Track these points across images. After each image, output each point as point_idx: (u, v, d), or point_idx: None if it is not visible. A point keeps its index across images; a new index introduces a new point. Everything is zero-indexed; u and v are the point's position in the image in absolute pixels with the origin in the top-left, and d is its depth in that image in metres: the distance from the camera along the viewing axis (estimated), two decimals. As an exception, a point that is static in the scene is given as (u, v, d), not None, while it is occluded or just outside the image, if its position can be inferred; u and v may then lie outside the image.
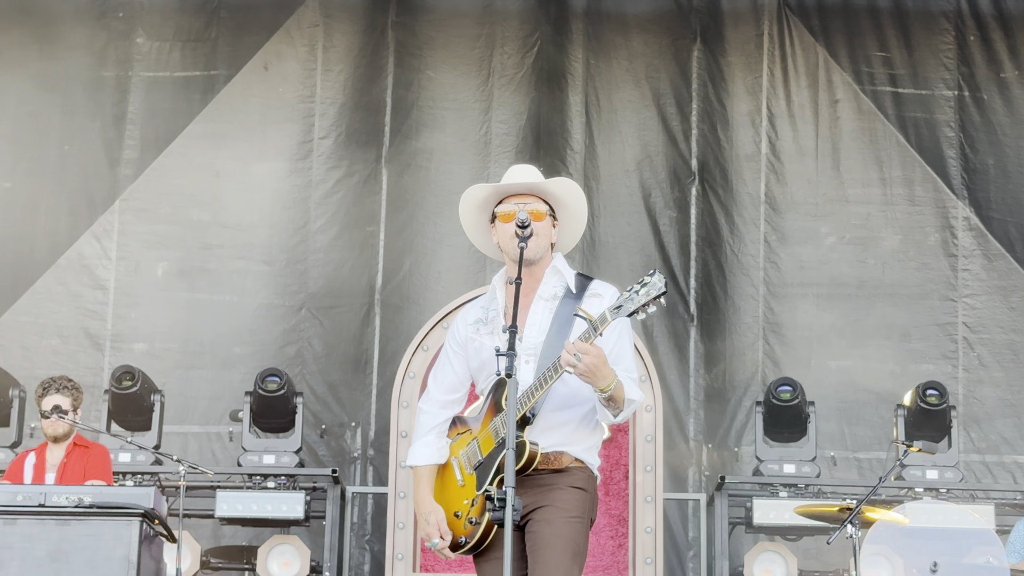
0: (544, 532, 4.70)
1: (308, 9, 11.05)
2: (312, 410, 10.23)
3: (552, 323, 4.84)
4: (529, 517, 4.73)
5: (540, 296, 4.91)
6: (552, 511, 4.72)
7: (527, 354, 4.79)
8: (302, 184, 10.86)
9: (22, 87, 10.75)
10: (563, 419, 4.82)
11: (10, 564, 6.36)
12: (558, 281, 4.93)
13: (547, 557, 4.66)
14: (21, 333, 10.58)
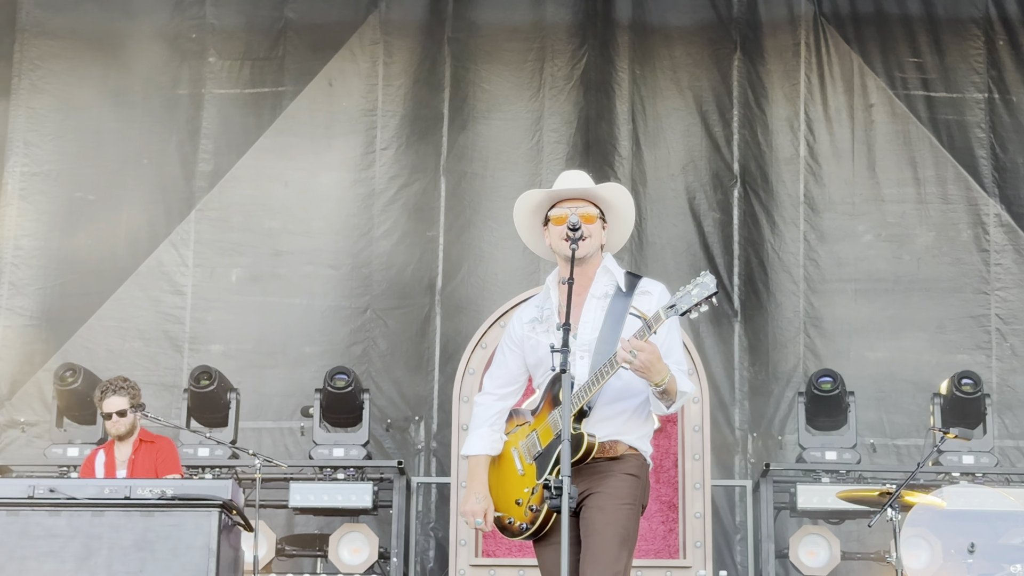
0: (595, 518, 4.72)
1: (369, 27, 11.08)
2: (378, 405, 10.23)
3: (604, 320, 4.85)
4: (583, 503, 4.74)
5: (592, 295, 4.92)
6: (604, 498, 4.74)
7: (581, 350, 4.80)
8: (365, 192, 10.90)
9: (103, 106, 10.81)
10: (617, 410, 4.83)
11: (99, 553, 6.36)
12: (609, 280, 4.95)
13: (597, 543, 4.68)
14: (106, 336, 10.67)
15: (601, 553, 4.65)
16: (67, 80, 10.96)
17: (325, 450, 9.73)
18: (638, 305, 4.78)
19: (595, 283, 4.95)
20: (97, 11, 10.91)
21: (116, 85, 10.80)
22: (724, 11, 10.98)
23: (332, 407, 9.87)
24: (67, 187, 10.88)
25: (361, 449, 9.75)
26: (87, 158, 10.87)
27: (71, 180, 10.88)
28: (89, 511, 6.44)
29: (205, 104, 11.01)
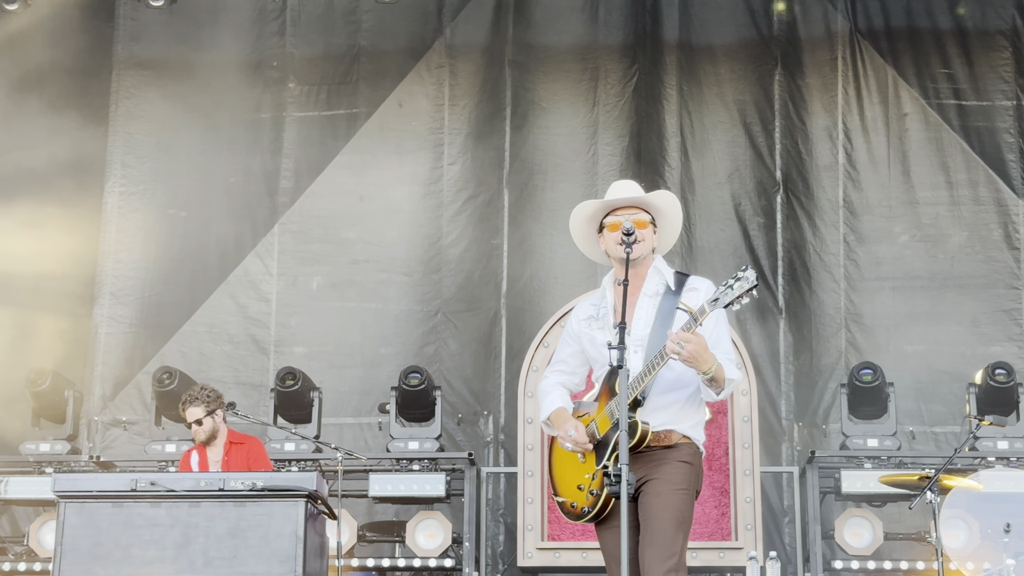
0: (653, 503, 4.78)
1: (436, 52, 11.16)
2: (449, 401, 10.30)
3: (656, 317, 4.93)
4: (641, 489, 4.80)
5: (644, 293, 5.00)
6: (661, 484, 4.80)
7: (635, 345, 4.86)
8: (434, 205, 10.97)
9: (193, 129, 10.96)
10: (670, 400, 4.90)
11: (196, 541, 6.40)
12: (659, 280, 5.03)
13: (655, 526, 4.74)
14: (198, 341, 10.83)
15: (659, 536, 4.71)
16: (159, 107, 11.11)
17: (401, 443, 9.80)
18: (686, 301, 4.83)
19: (647, 282, 5.02)
20: (186, 43, 11.08)
21: (204, 110, 10.94)
22: (765, 29, 10.98)
23: (407, 404, 9.93)
24: (161, 205, 11.03)
25: (434, 442, 9.80)
26: (179, 177, 11.04)
27: (165, 198, 11.03)
28: (187, 502, 6.46)
29: (286, 126, 11.14)
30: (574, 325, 5.18)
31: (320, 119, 11.15)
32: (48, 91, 10.91)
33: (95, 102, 11.17)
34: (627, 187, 5.19)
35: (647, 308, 4.98)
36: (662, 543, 4.71)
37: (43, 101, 10.82)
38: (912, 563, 9.26)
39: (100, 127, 11.13)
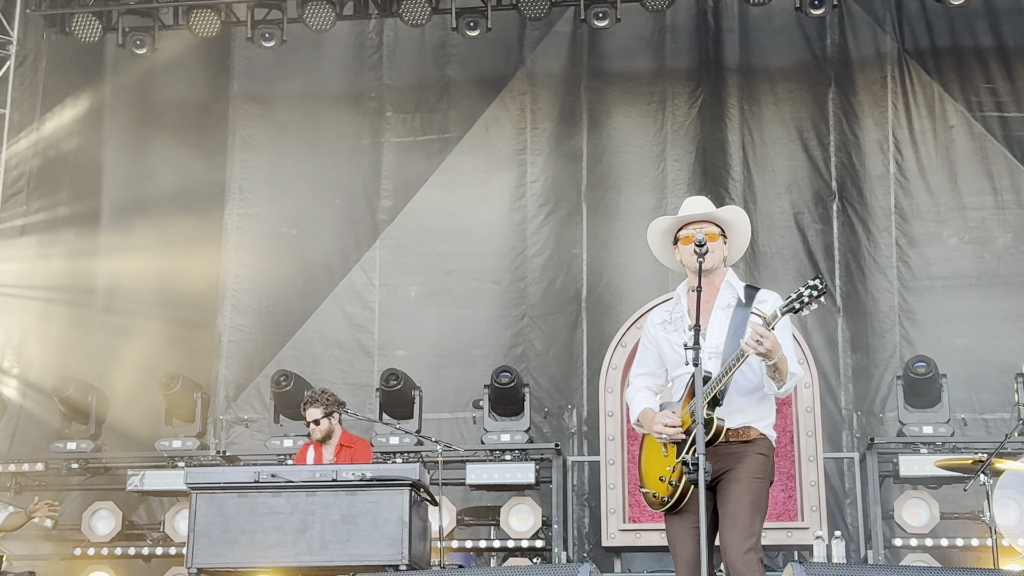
0: (733, 489, 4.82)
1: (518, 81, 11.28)
2: (536, 397, 10.34)
3: (729, 328, 4.96)
4: (720, 478, 4.83)
5: (718, 306, 5.04)
6: (740, 472, 4.84)
7: (710, 352, 4.90)
8: (519, 219, 11.06)
9: (301, 156, 11.16)
10: (747, 402, 4.94)
11: (313, 526, 6.47)
12: (731, 293, 5.06)
13: (735, 509, 4.78)
14: (310, 346, 11.01)
15: (739, 518, 4.76)
16: (271, 136, 11.31)
17: (494, 436, 9.86)
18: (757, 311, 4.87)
19: (720, 295, 5.06)
20: (293, 78, 11.27)
21: (311, 138, 11.13)
22: (819, 52, 10.95)
23: (498, 400, 9.99)
24: (274, 224, 11.23)
25: (524, 434, 9.86)
26: (289, 199, 11.21)
27: (278, 218, 11.23)
28: (304, 492, 6.53)
29: (384, 151, 11.28)
30: (651, 331, 5.21)
31: (414, 143, 11.28)
32: (173, 125, 11.18)
33: (214, 133, 11.42)
34: (699, 203, 5.20)
35: (720, 319, 5.01)
36: (742, 524, 4.75)
37: (168, 134, 11.11)
38: (967, 540, 9.19)
39: (219, 156, 11.37)
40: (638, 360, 5.29)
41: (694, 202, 5.22)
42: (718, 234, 5.06)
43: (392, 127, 11.33)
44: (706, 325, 4.95)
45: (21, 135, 11.50)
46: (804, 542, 8.53)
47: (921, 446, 9.38)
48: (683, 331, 4.98)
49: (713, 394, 4.80)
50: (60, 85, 11.39)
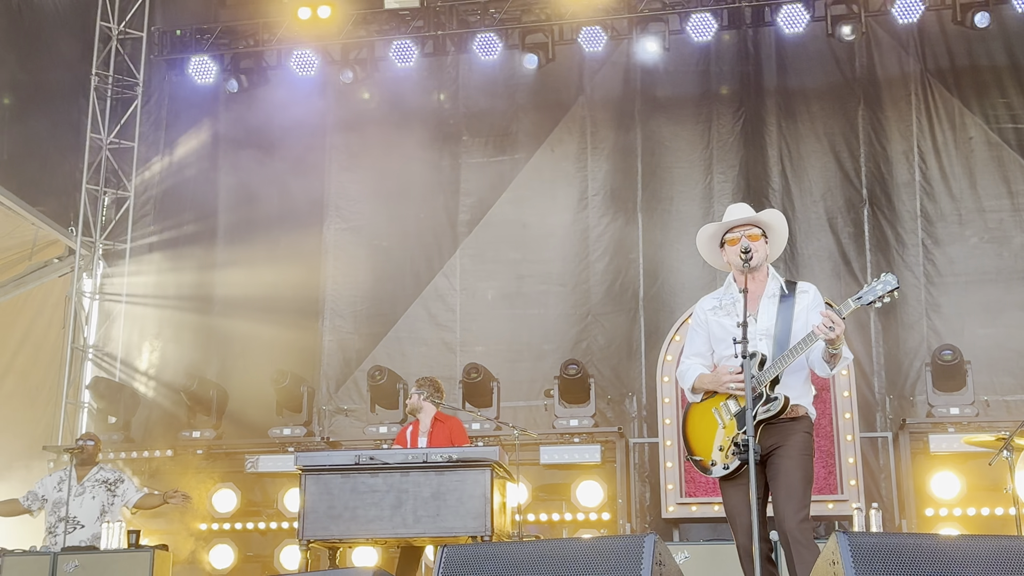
0: (786, 464, 4.90)
1: (579, 106, 11.37)
2: (600, 386, 10.38)
3: (777, 313, 5.07)
4: (772, 453, 4.91)
5: (766, 295, 5.15)
6: (792, 449, 4.93)
7: (762, 334, 5.01)
8: (582, 228, 11.13)
9: (389, 177, 11.30)
10: (796, 380, 5.03)
11: (407, 503, 6.51)
12: (776, 284, 5.18)
13: (790, 482, 4.86)
14: (400, 344, 11.17)
15: (793, 491, 4.84)
16: (363, 160, 11.46)
17: (563, 421, 10.00)
18: (800, 301, 5.00)
19: (767, 286, 5.16)
20: (382, 109, 11.41)
21: (397, 161, 11.22)
22: (849, 74, 10.92)
23: (567, 389, 10.11)
24: (367, 238, 11.38)
25: (590, 419, 9.98)
26: (380, 216, 11.36)
27: (369, 233, 11.37)
28: (399, 472, 6.55)
29: (462, 171, 11.41)
30: (701, 316, 5.27)
31: (488, 164, 11.38)
32: (277, 152, 11.34)
33: (313, 158, 11.57)
34: (740, 209, 5.29)
35: (769, 307, 5.10)
36: (796, 497, 4.82)
37: (273, 160, 11.30)
38: (992, 510, 9.15)
39: (317, 179, 11.56)
40: (689, 343, 5.35)
41: (736, 208, 5.31)
42: (759, 235, 5.17)
43: (468, 150, 11.45)
44: (756, 311, 5.05)
45: (148, 165, 11.87)
46: (844, 513, 8.53)
47: (948, 426, 9.37)
48: (734, 315, 5.04)
49: (776, 374, 4.86)
50: (180, 120, 11.69)
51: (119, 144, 11.89)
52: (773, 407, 4.87)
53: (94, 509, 8.37)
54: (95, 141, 11.78)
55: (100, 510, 8.36)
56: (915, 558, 3.84)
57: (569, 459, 9.85)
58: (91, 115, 11.76)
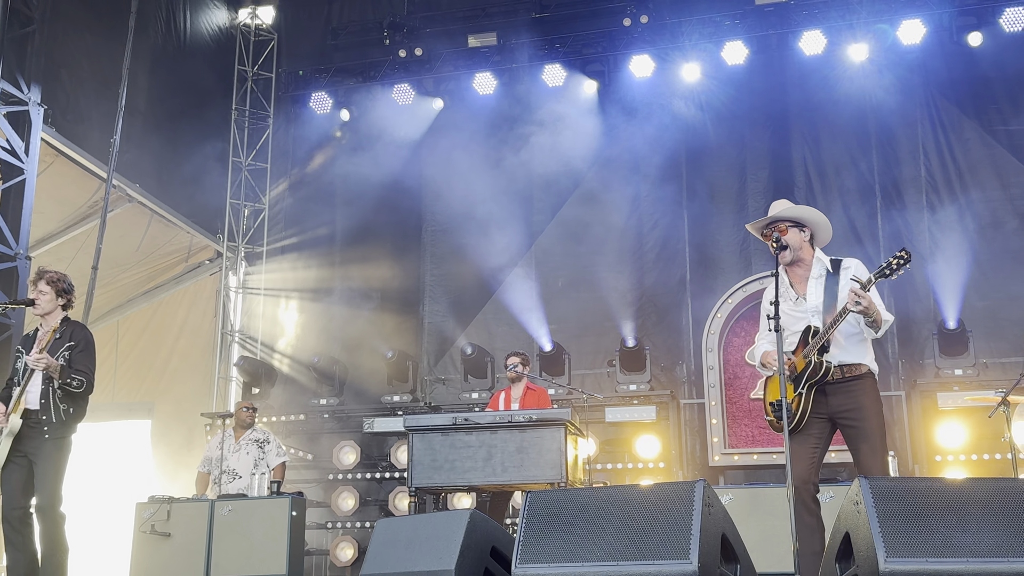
0: (865, 426, 4.72)
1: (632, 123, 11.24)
2: (654, 356, 10.34)
3: (824, 291, 4.92)
4: (845, 414, 4.75)
5: (812, 276, 5.00)
6: (866, 411, 4.75)
7: (812, 311, 4.89)
8: (636, 224, 10.98)
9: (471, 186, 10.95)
10: (852, 343, 4.86)
11: (496, 456, 6.54)
12: (821, 266, 5.02)
13: (872, 443, 4.69)
14: (487, 325, 11.15)
15: (877, 446, 4.68)
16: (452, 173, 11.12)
17: (624, 386, 10.06)
18: (844, 276, 4.87)
19: (813, 268, 5.02)
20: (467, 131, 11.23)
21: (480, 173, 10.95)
22: (863, 87, 10.59)
23: (627, 359, 10.16)
24: (457, 237, 11.24)
25: (647, 384, 10.03)
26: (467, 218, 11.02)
27: (459, 232, 11.21)
28: (488, 431, 6.59)
29: (534, 181, 11.28)
30: (764, 304, 5.09)
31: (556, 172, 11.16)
32: (382, 169, 11.40)
33: (412, 173, 11.57)
34: (778, 205, 5.14)
35: (816, 287, 4.95)
36: (880, 451, 4.68)
37: (380, 176, 11.38)
38: (992, 456, 9.06)
39: (416, 191, 11.59)
40: (761, 330, 5.22)
41: (775, 205, 5.16)
42: (788, 227, 5.01)
43: (540, 161, 11.23)
44: (804, 292, 4.94)
45: (278, 183, 12.09)
46: None
47: (953, 385, 9.30)
48: (790, 300, 4.94)
49: (821, 343, 4.75)
50: (303, 145, 11.87)
51: (255, 165, 12.11)
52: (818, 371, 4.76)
53: (248, 463, 8.57)
54: (236, 164, 12.02)
55: (253, 464, 8.56)
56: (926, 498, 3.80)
57: (629, 418, 9.87)
58: (232, 142, 11.99)
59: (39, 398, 5.77)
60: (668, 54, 10.97)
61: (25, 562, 5.69)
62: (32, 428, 5.74)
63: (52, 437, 5.74)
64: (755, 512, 6.75)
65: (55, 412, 5.76)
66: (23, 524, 5.72)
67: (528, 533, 4.21)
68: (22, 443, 5.74)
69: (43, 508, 5.67)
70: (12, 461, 5.74)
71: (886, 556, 3.62)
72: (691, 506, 3.93)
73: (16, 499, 5.72)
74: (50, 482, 5.68)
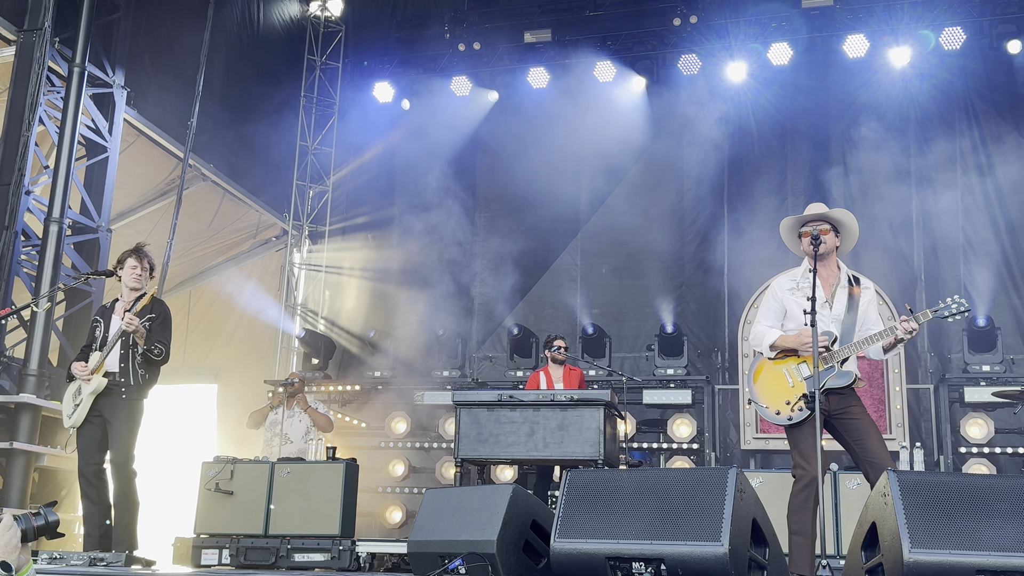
0: (866, 419, 4.75)
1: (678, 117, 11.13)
2: (692, 342, 10.29)
3: (847, 302, 4.89)
4: (846, 411, 4.76)
5: (840, 285, 4.94)
6: (862, 407, 4.80)
7: (834, 319, 4.84)
8: (678, 217, 10.85)
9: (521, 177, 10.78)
10: (853, 356, 4.86)
11: (538, 432, 6.56)
12: (845, 277, 4.97)
13: (874, 435, 4.70)
14: (534, 308, 11.12)
15: (880, 441, 4.70)
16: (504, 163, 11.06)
17: (662, 370, 10.01)
18: (864, 297, 4.84)
19: (840, 277, 4.97)
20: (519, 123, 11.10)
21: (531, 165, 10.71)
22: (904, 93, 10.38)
23: (665, 344, 10.12)
24: (507, 224, 11.24)
25: (684, 369, 9.98)
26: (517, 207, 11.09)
27: (509, 222, 11.23)
28: (532, 408, 6.61)
29: (582, 175, 11.11)
30: (778, 293, 5.04)
31: (604, 164, 11.06)
32: (441, 157, 11.35)
33: (466, 161, 11.55)
34: (816, 206, 5.08)
35: (841, 296, 4.91)
36: (882, 440, 4.72)
37: (439, 164, 11.33)
38: (1015, 449, 8.95)
39: (470, 179, 11.58)
40: (763, 311, 5.13)
41: (813, 206, 5.10)
42: (829, 229, 4.94)
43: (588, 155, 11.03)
44: (830, 297, 4.87)
45: (343, 167, 12.15)
46: (892, 450, 8.08)
47: (981, 379, 9.16)
48: (818, 301, 4.83)
49: (849, 355, 4.73)
50: (366, 131, 11.85)
51: (321, 149, 12.19)
52: (844, 380, 4.73)
53: (301, 429, 8.66)
54: (303, 147, 12.11)
55: (305, 430, 8.65)
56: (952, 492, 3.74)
57: (666, 400, 9.86)
58: (300, 127, 12.08)
59: (119, 362, 5.89)
60: (715, 54, 10.83)
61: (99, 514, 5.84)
62: (110, 389, 5.86)
63: (128, 399, 5.87)
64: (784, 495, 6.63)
65: (132, 376, 5.88)
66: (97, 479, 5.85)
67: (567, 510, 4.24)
68: (99, 403, 5.87)
69: (116, 465, 5.80)
70: (89, 420, 5.88)
71: (911, 547, 3.59)
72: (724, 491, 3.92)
73: (91, 455, 5.86)
74: (124, 441, 5.80)
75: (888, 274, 9.86)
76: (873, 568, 3.92)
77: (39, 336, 7.71)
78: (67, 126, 8.11)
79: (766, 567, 4.11)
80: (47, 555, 5.56)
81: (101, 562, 5.49)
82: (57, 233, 7.93)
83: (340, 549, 6.75)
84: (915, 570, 3.54)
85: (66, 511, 7.55)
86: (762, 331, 5.05)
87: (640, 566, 3.92)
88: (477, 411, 6.65)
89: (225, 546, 6.90)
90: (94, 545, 5.80)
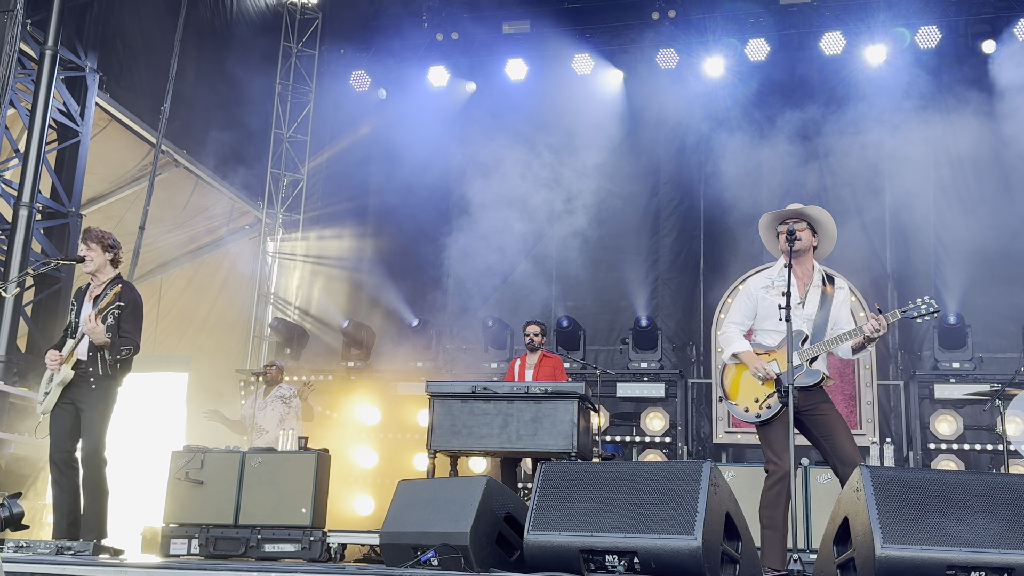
0: (834, 417, 4.74)
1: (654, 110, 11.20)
2: (666, 336, 10.34)
3: (820, 302, 4.87)
4: (814, 410, 4.75)
5: (813, 285, 4.92)
6: (831, 407, 4.78)
7: (806, 318, 4.82)
8: (654, 211, 10.95)
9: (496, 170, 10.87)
10: (822, 355, 4.86)
11: (511, 424, 6.45)
12: (820, 277, 4.95)
13: (842, 432, 4.70)
14: (508, 299, 11.06)
15: (849, 436, 4.70)
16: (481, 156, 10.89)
17: (636, 363, 10.02)
18: (837, 296, 4.83)
19: (814, 277, 4.94)
20: (496, 115, 11.14)
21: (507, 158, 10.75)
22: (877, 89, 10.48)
23: (639, 338, 10.12)
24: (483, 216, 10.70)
25: (657, 363, 9.98)
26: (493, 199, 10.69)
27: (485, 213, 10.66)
28: (505, 400, 6.51)
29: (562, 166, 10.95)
30: (753, 291, 5.02)
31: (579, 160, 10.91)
32: (413, 149, 11.20)
33: (442, 153, 11.33)
34: (794, 205, 5.07)
35: (815, 296, 4.89)
36: (852, 439, 4.71)
37: (411, 155, 11.21)
38: (983, 446, 9.03)
39: (445, 171, 11.38)
40: (735, 310, 5.10)
41: (793, 205, 5.08)
42: (805, 226, 4.91)
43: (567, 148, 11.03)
44: (804, 297, 4.85)
45: (317, 155, 12.06)
46: (862, 445, 8.21)
47: (951, 376, 9.23)
48: (781, 297, 4.78)
49: (818, 353, 4.74)
50: (342, 120, 11.80)
51: (295, 137, 12.09)
52: (812, 378, 4.74)
53: (274, 418, 8.59)
54: (278, 135, 12.00)
55: (278, 419, 8.58)
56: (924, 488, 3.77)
57: (639, 394, 9.87)
58: (275, 115, 11.97)
59: (87, 350, 5.80)
60: (693, 48, 10.86)
61: (68, 501, 5.76)
62: (80, 378, 5.78)
63: (99, 387, 5.78)
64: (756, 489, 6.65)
65: (102, 364, 5.79)
66: (67, 467, 5.77)
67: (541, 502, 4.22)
68: (70, 391, 5.79)
69: (87, 453, 5.72)
70: (60, 407, 5.80)
71: (882, 542, 3.60)
72: (698, 485, 3.92)
73: (62, 443, 5.78)
74: (95, 429, 5.72)
75: (860, 271, 9.93)
76: (844, 563, 3.94)
77: (7, 322, 7.60)
78: (38, 109, 7.98)
79: (739, 561, 4.12)
80: (13, 543, 5.48)
81: (68, 551, 5.42)
82: (27, 218, 7.80)
83: (311, 540, 6.69)
84: (886, 565, 3.56)
85: (34, 499, 7.44)
86: (731, 336, 5.02)
87: (613, 559, 3.92)
88: (451, 402, 6.58)
89: (194, 536, 6.82)
90: (62, 533, 5.72)
